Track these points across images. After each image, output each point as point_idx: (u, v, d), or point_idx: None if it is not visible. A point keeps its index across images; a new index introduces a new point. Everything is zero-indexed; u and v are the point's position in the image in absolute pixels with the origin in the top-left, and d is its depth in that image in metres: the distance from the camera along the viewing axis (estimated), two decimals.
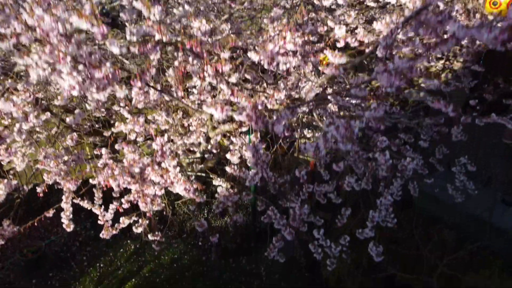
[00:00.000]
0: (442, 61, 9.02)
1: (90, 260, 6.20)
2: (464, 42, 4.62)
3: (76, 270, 6.02)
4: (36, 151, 4.11)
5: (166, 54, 2.96)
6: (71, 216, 3.32)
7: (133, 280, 5.81)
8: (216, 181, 3.57)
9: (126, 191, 3.18)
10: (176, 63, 2.19)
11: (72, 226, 3.31)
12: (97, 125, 4.56)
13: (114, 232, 3.45)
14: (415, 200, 6.06)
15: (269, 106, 2.21)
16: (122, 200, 3.01)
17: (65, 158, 3.66)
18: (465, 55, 4.98)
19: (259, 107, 1.84)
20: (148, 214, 2.80)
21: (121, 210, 3.37)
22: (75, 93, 1.74)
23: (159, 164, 2.85)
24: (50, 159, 3.40)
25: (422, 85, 10.29)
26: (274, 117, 2.02)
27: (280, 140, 4.89)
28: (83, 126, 4.70)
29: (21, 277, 5.87)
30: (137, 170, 2.36)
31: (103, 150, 3.01)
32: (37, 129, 4.13)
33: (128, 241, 6.56)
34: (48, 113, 3.43)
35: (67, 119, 2.69)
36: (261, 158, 2.21)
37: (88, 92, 1.76)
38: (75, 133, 3.68)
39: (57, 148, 4.00)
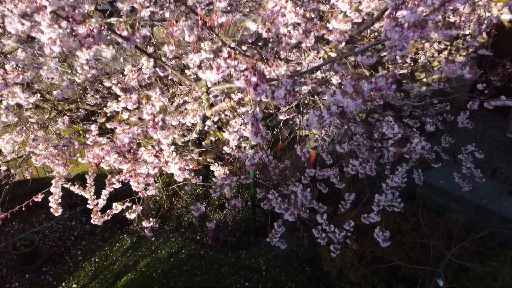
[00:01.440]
0: (444, 53, 8.84)
1: (85, 254, 6.04)
2: (470, 26, 4.49)
3: (70, 265, 5.86)
4: (27, 137, 3.96)
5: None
6: (59, 200, 3.15)
7: (129, 274, 5.65)
8: (214, 167, 3.41)
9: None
10: (167, 14, 2.03)
11: (60, 211, 3.15)
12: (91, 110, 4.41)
13: (106, 218, 3.29)
14: (420, 191, 5.91)
15: (269, 75, 2.06)
16: (113, 180, 2.85)
17: (56, 142, 3.52)
18: (471, 41, 4.85)
19: (258, 70, 1.69)
20: (140, 194, 2.64)
21: (110, 189, 3.19)
22: (56, 49, 1.59)
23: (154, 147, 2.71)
24: (40, 141, 3.24)
25: (424, 79, 10.10)
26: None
27: (280, 125, 4.73)
28: (76, 113, 4.56)
29: (13, 271, 5.70)
30: (126, 140, 2.20)
31: (93, 127, 2.85)
32: (28, 113, 3.97)
33: (125, 235, 6.40)
34: (38, 95, 3.28)
35: (54, 92, 2.53)
36: (260, 132, 2.06)
37: (73, 53, 1.62)
38: (66, 117, 3.53)
39: (49, 133, 3.85)
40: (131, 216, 3.33)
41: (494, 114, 8.88)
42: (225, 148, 2.82)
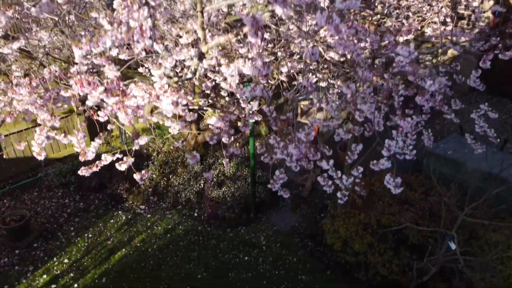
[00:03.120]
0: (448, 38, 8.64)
1: (78, 231, 5.80)
2: None
3: (62, 240, 5.62)
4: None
5: None
6: (43, 144, 2.90)
7: (124, 250, 5.41)
8: (210, 119, 3.17)
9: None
10: None
11: (43, 154, 2.90)
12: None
13: (95, 168, 3.05)
14: (426, 163, 5.67)
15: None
16: (99, 112, 2.60)
17: (41, 91, 3.28)
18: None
19: None
20: (128, 123, 2.39)
21: (95, 117, 2.94)
22: None
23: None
24: (22, 86, 3.00)
25: (428, 62, 9.85)
26: None
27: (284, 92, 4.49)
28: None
29: (2, 247, 5.46)
30: (109, 42, 1.95)
31: (77, 55, 2.58)
32: (13, 67, 3.74)
33: (119, 212, 6.16)
34: (22, 41, 3.05)
35: (32, 9, 2.29)
36: (261, 43, 1.83)
37: None
38: (53, 66, 3.29)
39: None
40: (122, 167, 3.08)
41: (499, 98, 8.68)
42: (223, 85, 2.58)
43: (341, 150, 6.94)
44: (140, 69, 3.35)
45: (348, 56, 3.10)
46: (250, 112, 3.05)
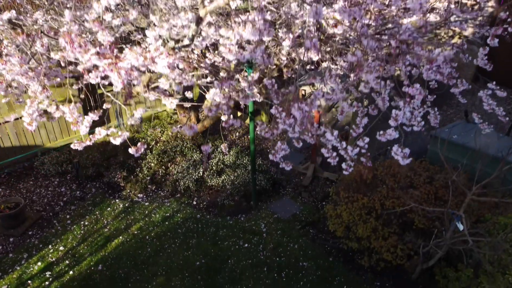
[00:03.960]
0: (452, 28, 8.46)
1: (74, 218, 5.67)
2: None
3: (58, 228, 5.49)
4: None
5: None
6: (34, 115, 2.77)
7: (120, 237, 5.28)
8: (209, 94, 3.04)
9: None
10: None
11: (34, 124, 2.77)
12: None
13: (88, 142, 2.92)
14: (431, 148, 5.55)
15: None
16: (90, 74, 2.48)
17: (33, 65, 3.16)
18: None
19: None
20: (121, 83, 2.24)
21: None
22: None
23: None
24: (13, 56, 2.88)
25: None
26: None
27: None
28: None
29: None
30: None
31: (67, 14, 2.46)
32: (5, 42, 3.61)
33: (117, 200, 6.03)
34: (13, 12, 2.94)
35: None
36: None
37: None
38: (45, 39, 3.17)
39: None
40: (117, 142, 2.95)
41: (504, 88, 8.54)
42: (221, 49, 2.45)
43: (343, 138, 6.82)
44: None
45: (353, 26, 2.97)
46: (251, 81, 2.92)
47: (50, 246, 5.15)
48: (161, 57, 2.26)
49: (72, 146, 2.95)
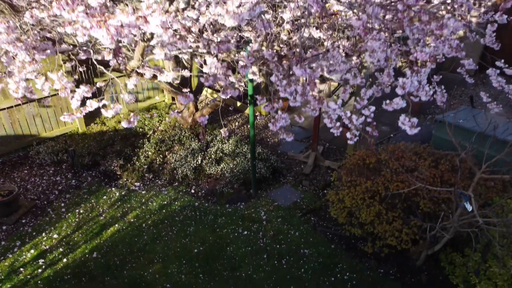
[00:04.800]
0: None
1: (69, 207, 5.52)
2: None
3: (52, 216, 5.34)
4: None
5: None
6: (21, 83, 2.63)
7: (116, 225, 5.13)
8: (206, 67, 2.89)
9: None
10: None
11: (20, 92, 2.63)
12: None
13: (79, 114, 2.78)
14: (436, 134, 5.41)
15: None
16: (78, 33, 2.32)
17: (22, 36, 3.01)
18: None
19: None
20: (110, 45, 2.09)
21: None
22: None
23: None
24: None
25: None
26: None
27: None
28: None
29: None
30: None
31: None
32: None
33: (113, 189, 5.88)
34: None
35: None
36: None
37: None
38: (35, 10, 3.02)
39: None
40: (109, 114, 2.80)
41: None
42: (218, 10, 2.29)
43: (344, 126, 6.66)
44: None
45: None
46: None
47: (43, 234, 5.01)
48: (153, 15, 2.12)
49: (61, 118, 2.80)
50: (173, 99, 8.32)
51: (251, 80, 4.77)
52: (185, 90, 5.68)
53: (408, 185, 4.08)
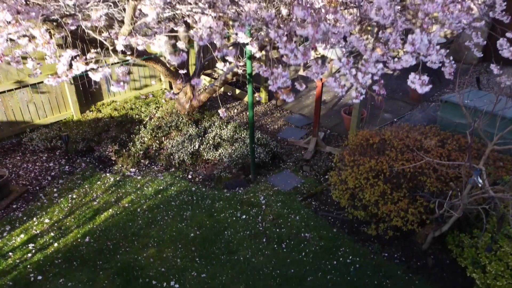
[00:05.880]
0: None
1: (61, 192, 5.34)
2: None
3: (44, 201, 5.16)
4: None
5: None
6: (4, 44, 2.45)
7: (110, 210, 4.95)
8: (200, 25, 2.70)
9: None
10: None
11: (4, 58, 2.45)
12: None
13: (64, 78, 2.59)
14: (441, 115, 5.23)
15: None
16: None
17: None
18: None
19: None
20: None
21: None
22: None
23: None
24: None
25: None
26: None
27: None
28: None
29: None
30: None
31: None
32: None
33: (107, 174, 5.70)
34: None
35: None
36: None
37: None
38: None
39: None
40: (97, 77, 2.62)
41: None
42: None
43: (346, 114, 6.50)
44: None
45: None
46: (250, 12, 2.59)
47: (34, 219, 4.83)
48: None
49: (46, 81, 2.61)
50: (170, 87, 8.14)
51: (250, 58, 4.60)
52: (181, 71, 5.50)
53: (414, 163, 3.90)
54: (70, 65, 2.72)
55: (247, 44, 3.04)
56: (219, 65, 2.82)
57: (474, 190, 3.33)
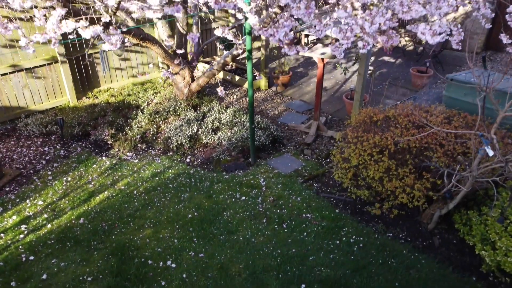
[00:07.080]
0: None
1: (56, 175, 5.19)
2: None
3: (38, 184, 5.01)
4: None
5: None
6: None
7: (106, 192, 4.81)
8: None
9: None
10: None
11: None
12: None
13: (53, 34, 2.45)
14: (446, 94, 5.09)
15: None
16: None
17: None
18: None
19: None
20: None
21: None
22: None
23: None
24: None
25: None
26: None
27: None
28: None
29: None
30: None
31: None
32: None
33: (103, 158, 5.56)
34: None
35: None
36: None
37: None
38: None
39: None
40: (85, 33, 2.47)
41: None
42: None
43: (348, 98, 6.35)
44: None
45: None
46: None
47: (27, 201, 4.68)
48: None
49: (32, 37, 2.47)
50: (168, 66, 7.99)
51: (250, 33, 4.46)
52: (179, 51, 5.35)
53: (419, 139, 3.76)
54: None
55: (247, 13, 2.90)
56: (216, 6, 2.62)
57: (483, 164, 3.19)
